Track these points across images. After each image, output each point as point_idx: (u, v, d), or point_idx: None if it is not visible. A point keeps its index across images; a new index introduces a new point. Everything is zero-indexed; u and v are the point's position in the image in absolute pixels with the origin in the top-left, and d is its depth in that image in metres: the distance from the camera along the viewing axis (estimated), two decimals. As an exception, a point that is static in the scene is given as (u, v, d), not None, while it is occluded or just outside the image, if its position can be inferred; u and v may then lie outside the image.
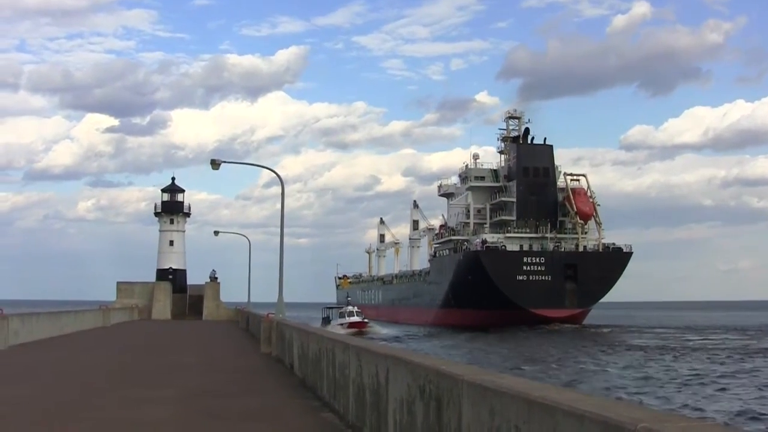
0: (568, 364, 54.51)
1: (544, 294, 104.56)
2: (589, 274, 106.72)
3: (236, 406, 17.41)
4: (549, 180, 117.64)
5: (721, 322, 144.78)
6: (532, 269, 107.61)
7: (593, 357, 60.87)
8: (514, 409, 6.27)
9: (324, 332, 21.22)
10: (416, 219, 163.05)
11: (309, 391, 19.99)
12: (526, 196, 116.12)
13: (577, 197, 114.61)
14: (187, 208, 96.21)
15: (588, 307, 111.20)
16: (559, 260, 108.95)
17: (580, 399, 5.69)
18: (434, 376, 8.69)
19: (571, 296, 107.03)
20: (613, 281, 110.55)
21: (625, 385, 42.56)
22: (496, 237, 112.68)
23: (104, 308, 69.58)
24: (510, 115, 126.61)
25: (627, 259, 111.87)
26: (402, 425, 10.18)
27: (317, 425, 14.72)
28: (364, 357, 13.12)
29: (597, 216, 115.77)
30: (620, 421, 4.74)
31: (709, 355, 62.85)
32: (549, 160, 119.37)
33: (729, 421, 31.39)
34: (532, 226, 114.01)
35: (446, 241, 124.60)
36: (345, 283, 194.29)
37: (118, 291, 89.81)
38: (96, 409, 16.63)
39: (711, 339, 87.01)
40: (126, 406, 17.09)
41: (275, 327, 32.64)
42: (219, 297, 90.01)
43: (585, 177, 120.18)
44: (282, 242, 39.66)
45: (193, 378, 23.69)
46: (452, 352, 63.62)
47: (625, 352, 66.21)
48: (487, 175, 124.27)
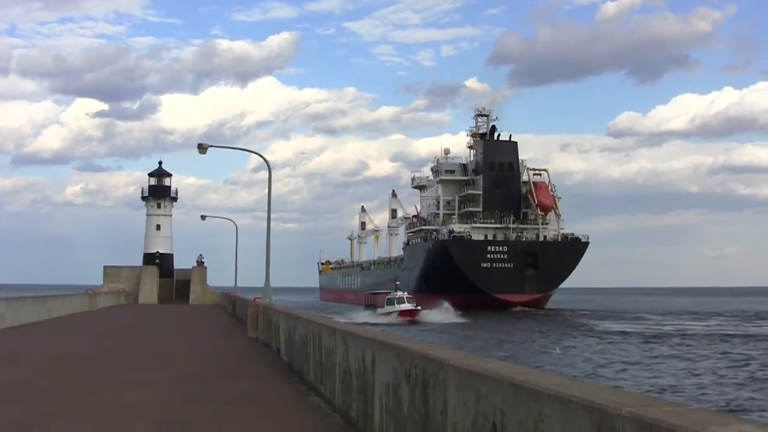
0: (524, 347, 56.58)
1: (506, 280, 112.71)
2: (549, 262, 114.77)
3: (223, 390, 17.38)
4: (513, 174, 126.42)
5: (703, 308, 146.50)
6: (496, 257, 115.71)
7: (551, 340, 63.13)
8: (500, 394, 6.26)
9: (310, 316, 21.14)
10: (394, 208, 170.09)
11: (296, 375, 19.98)
12: (492, 189, 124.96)
13: (539, 190, 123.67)
14: (174, 192, 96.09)
15: (548, 292, 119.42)
16: (521, 249, 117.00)
17: (566, 383, 5.68)
18: (420, 360, 8.68)
19: (531, 282, 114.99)
20: (571, 269, 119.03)
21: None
22: (463, 227, 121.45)
23: (91, 292, 69.46)
24: (479, 112, 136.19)
25: (584, 248, 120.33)
26: (388, 409, 10.18)
27: (304, 409, 14.71)
28: (351, 341, 13.11)
29: (557, 208, 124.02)
30: (605, 406, 4.73)
31: (664, 340, 63.76)
32: (514, 156, 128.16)
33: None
34: (496, 217, 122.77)
35: (418, 230, 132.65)
36: (327, 268, 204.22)
37: (105, 275, 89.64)
38: (83, 393, 16.58)
39: (686, 324, 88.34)
40: (113, 390, 17.04)
41: (262, 311, 32.61)
42: (206, 281, 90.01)
43: (546, 172, 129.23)
44: (269, 227, 39.59)
45: (179, 362, 23.65)
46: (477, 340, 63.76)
47: (580, 337, 67.47)
48: (457, 168, 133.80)
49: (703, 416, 4.28)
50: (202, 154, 42.97)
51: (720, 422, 4.07)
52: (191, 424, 13.12)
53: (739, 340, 64.82)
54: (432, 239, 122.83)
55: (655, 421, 4.24)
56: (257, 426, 12.93)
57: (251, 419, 13.55)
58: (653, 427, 4.23)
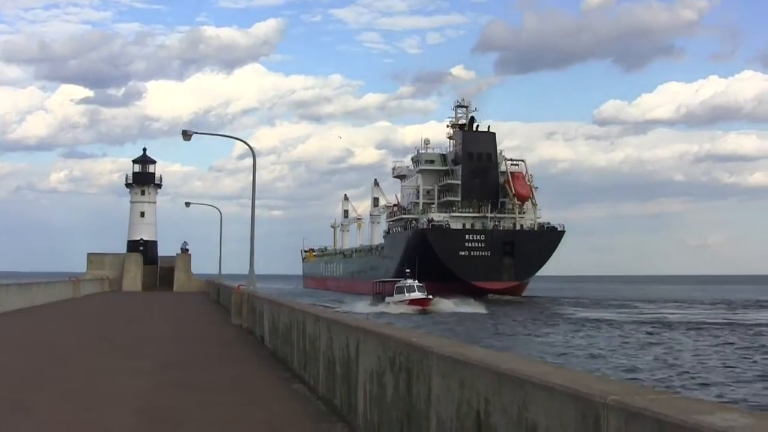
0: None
1: (483, 268, 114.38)
2: (525, 251, 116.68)
3: (206, 377, 17.35)
4: (491, 164, 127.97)
5: (680, 295, 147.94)
6: (474, 246, 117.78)
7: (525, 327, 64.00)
8: (484, 382, 6.23)
9: (294, 304, 21.10)
10: (377, 196, 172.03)
11: (280, 362, 19.95)
12: (470, 179, 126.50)
13: (516, 180, 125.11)
14: (159, 179, 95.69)
15: (524, 280, 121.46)
16: (498, 238, 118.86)
17: (551, 371, 5.66)
18: (404, 348, 8.65)
19: (508, 270, 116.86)
20: (547, 257, 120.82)
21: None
22: (442, 216, 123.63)
23: (75, 280, 69.15)
24: (458, 104, 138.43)
25: (560, 236, 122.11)
26: (372, 397, 10.16)
27: (287, 396, 14.69)
28: (335, 329, 13.08)
29: (533, 198, 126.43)
30: (590, 394, 4.71)
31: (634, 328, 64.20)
32: (492, 147, 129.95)
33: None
34: (475, 207, 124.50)
35: (398, 219, 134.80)
36: (310, 256, 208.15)
37: (89, 262, 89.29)
38: (66, 381, 16.52)
39: (665, 312, 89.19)
40: (97, 378, 17.00)
41: (246, 299, 32.55)
42: (190, 269, 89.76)
43: (524, 162, 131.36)
44: (253, 215, 39.51)
45: (163, 349, 23.58)
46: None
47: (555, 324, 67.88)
48: (437, 159, 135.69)
49: (688, 404, 4.27)
50: (187, 140, 42.82)
51: (705, 410, 4.05)
52: (174, 411, 13.08)
53: (718, 328, 65.09)
54: (412, 228, 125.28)
55: (640, 410, 4.22)
56: (240, 413, 12.89)
57: (234, 406, 13.51)
58: (638, 416, 4.22)
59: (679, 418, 3.91)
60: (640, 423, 4.20)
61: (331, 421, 12.04)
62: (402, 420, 8.68)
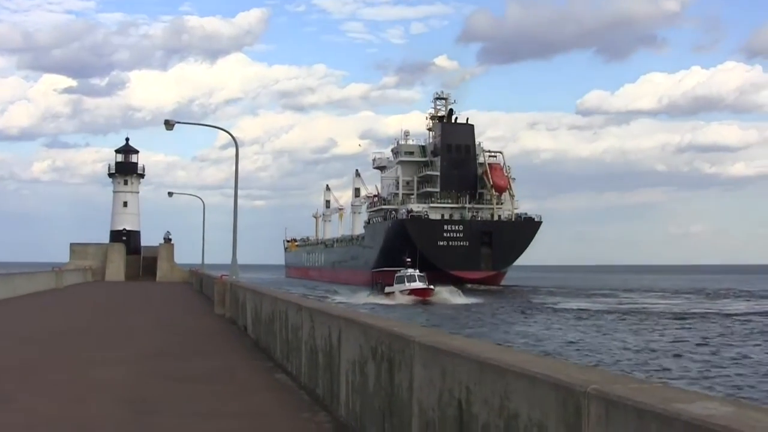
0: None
1: (461, 258, 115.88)
2: (503, 241, 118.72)
3: (189, 367, 17.30)
4: (470, 156, 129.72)
5: (660, 285, 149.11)
6: (452, 236, 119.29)
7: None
8: (466, 371, 6.22)
9: (277, 293, 21.06)
10: (358, 187, 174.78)
11: (262, 352, 19.92)
12: (449, 170, 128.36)
13: (494, 172, 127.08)
14: (141, 169, 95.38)
15: (502, 270, 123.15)
16: (476, 228, 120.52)
17: (532, 361, 5.65)
18: (386, 337, 8.63)
19: (486, 260, 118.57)
20: (524, 247, 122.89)
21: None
22: (421, 207, 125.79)
23: (57, 270, 68.87)
24: (438, 96, 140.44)
25: (537, 227, 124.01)
26: (354, 386, 10.15)
27: (270, 386, 14.67)
28: (317, 318, 13.06)
29: (511, 189, 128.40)
30: (571, 383, 4.71)
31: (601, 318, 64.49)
32: (470, 138, 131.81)
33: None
34: (453, 197, 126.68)
35: (378, 210, 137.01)
36: (293, 246, 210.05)
37: (72, 252, 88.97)
38: (48, 371, 16.43)
39: (645, 301, 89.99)
40: (79, 368, 16.92)
41: (229, 288, 32.48)
42: (173, 258, 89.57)
43: (501, 154, 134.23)
44: (236, 204, 39.35)
45: (146, 339, 23.51)
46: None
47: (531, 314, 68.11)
48: (416, 150, 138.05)
49: (668, 393, 4.27)
50: (169, 130, 42.64)
51: (685, 399, 4.05)
52: (156, 402, 13.03)
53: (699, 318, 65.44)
54: (391, 218, 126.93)
55: (620, 399, 4.22)
56: (223, 403, 12.86)
57: (217, 397, 13.48)
58: (618, 404, 4.22)
59: (660, 407, 3.91)
60: (621, 412, 4.20)
61: (314, 410, 12.02)
62: (384, 409, 8.67)
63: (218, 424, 11.33)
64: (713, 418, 3.61)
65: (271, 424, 11.15)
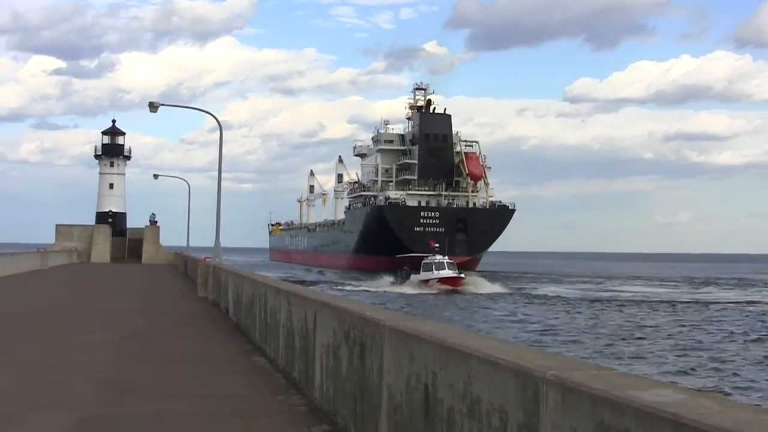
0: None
1: (437, 243, 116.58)
2: (478, 227, 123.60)
3: (169, 349, 17.33)
4: (447, 145, 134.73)
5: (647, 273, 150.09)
6: (428, 222, 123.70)
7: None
8: (432, 355, 6.25)
9: (258, 277, 21.06)
10: (341, 173, 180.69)
11: (242, 335, 19.94)
12: (427, 158, 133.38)
13: (470, 161, 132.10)
14: (128, 151, 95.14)
15: (476, 255, 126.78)
16: (452, 215, 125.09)
17: (495, 346, 5.67)
18: (358, 321, 8.66)
19: (461, 246, 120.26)
20: (498, 233, 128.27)
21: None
22: (399, 194, 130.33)
23: (42, 251, 68.71)
24: (417, 86, 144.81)
25: (511, 214, 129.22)
26: (328, 370, 10.18)
27: (247, 369, 14.68)
28: (294, 301, 13.07)
29: (486, 177, 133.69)
30: (531, 369, 4.74)
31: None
32: (447, 128, 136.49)
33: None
34: (430, 185, 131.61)
35: (358, 196, 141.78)
36: (276, 229, 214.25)
37: (57, 234, 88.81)
38: (26, 352, 16.42)
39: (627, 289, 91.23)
40: (57, 349, 16.91)
41: (211, 271, 32.47)
42: (158, 241, 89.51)
43: (478, 143, 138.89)
44: (219, 187, 39.31)
45: (127, 321, 23.49)
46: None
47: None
48: (395, 139, 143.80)
49: (624, 380, 4.30)
50: (153, 112, 42.58)
51: (639, 386, 4.09)
52: (132, 383, 13.04)
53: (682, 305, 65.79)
54: (370, 204, 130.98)
55: (576, 385, 4.25)
56: (198, 385, 12.87)
57: (193, 379, 13.49)
58: (575, 391, 4.25)
59: (613, 393, 3.94)
60: (576, 398, 4.23)
61: (289, 393, 12.05)
62: (355, 393, 8.70)
63: (193, 405, 11.34)
64: (664, 405, 3.63)
65: (246, 407, 11.17)
